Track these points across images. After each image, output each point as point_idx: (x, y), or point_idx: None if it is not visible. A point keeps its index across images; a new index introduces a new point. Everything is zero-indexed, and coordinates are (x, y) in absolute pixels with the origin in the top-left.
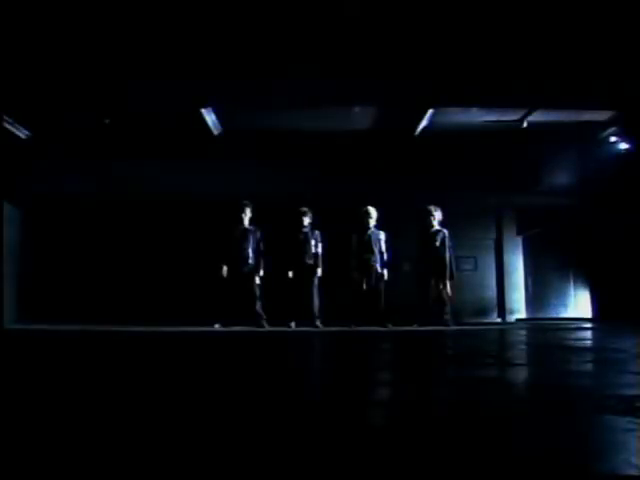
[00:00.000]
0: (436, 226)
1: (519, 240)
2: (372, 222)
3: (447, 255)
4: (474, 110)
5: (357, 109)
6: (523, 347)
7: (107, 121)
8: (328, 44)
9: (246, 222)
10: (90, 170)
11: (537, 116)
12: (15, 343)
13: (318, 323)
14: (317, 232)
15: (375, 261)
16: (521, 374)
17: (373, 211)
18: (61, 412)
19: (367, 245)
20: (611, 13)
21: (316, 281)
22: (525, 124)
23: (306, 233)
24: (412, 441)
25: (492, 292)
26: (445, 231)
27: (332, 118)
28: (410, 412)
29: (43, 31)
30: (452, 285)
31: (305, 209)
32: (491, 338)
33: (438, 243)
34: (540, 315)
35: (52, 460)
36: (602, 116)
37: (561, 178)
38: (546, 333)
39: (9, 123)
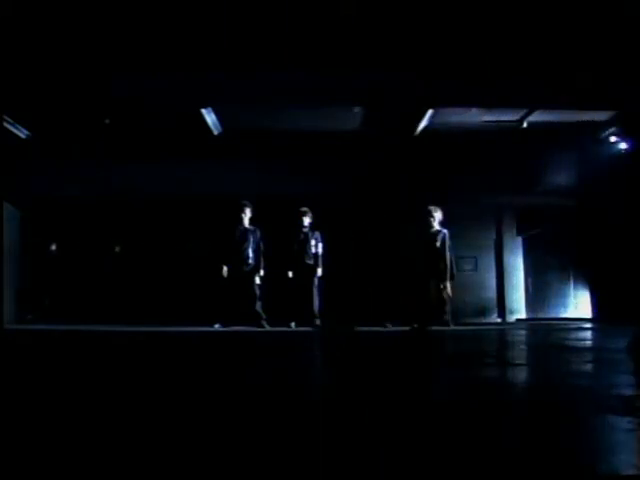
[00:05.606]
0: (436, 226)
1: (519, 240)
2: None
3: (447, 255)
4: (474, 110)
5: (357, 109)
6: (523, 347)
7: (107, 121)
8: (328, 42)
9: (246, 222)
10: (90, 170)
11: (537, 116)
12: (15, 343)
13: (318, 323)
14: (317, 232)
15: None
16: (521, 374)
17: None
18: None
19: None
20: (611, 13)
21: (316, 281)
22: (525, 124)
23: (306, 233)
24: (411, 441)
25: (492, 292)
26: (445, 231)
27: (332, 118)
28: (409, 412)
29: (44, 30)
30: (452, 285)
31: (305, 209)
32: (491, 338)
33: (438, 243)
34: (540, 315)
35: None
36: (602, 116)
37: (561, 178)
38: (546, 333)
39: (9, 123)
